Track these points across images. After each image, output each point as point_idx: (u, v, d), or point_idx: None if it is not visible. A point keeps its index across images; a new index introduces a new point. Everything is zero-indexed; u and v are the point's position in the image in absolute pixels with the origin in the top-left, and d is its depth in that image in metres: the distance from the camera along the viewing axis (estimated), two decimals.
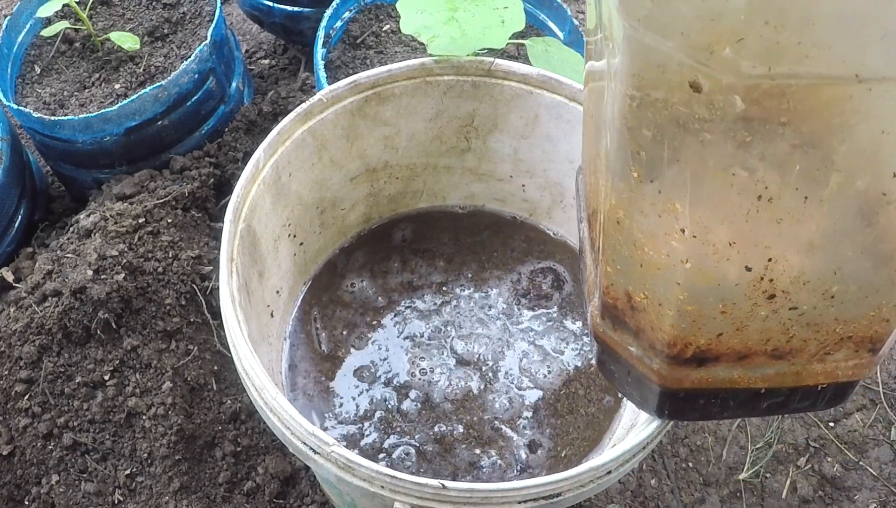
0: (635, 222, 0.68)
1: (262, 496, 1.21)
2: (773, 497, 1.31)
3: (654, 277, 0.70)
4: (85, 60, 1.55)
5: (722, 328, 0.71)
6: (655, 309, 0.72)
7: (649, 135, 0.60)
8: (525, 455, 1.04)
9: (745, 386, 0.77)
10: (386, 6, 1.57)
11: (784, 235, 0.62)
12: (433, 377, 1.09)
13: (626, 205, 0.67)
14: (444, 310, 1.15)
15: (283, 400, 0.81)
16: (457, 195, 1.25)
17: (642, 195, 0.65)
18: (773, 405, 0.80)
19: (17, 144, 1.49)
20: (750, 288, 0.67)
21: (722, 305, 0.69)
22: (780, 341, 0.72)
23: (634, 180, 0.65)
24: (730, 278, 0.66)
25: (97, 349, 1.22)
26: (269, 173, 1.00)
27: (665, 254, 0.67)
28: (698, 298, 0.68)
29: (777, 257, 0.64)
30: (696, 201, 0.62)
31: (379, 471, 0.76)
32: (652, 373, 0.78)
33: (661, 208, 0.64)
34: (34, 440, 1.21)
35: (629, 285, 0.74)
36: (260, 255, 1.01)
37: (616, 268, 0.74)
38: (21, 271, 1.38)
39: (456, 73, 1.08)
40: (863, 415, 1.38)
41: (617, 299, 0.77)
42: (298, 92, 1.67)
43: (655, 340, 0.75)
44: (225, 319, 0.87)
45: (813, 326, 0.70)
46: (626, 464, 0.83)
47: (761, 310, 0.69)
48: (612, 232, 0.71)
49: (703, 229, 0.63)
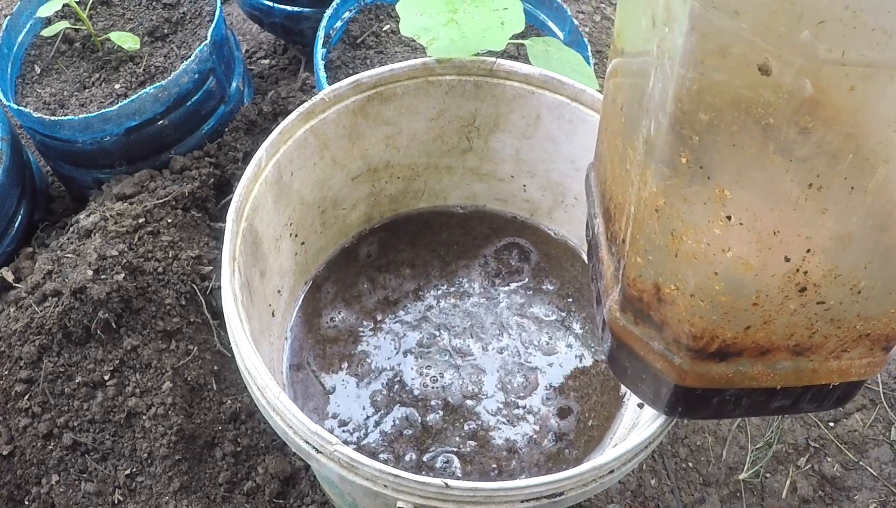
0: (676, 210, 0.67)
1: (262, 496, 1.21)
2: (773, 497, 1.31)
3: (688, 267, 0.70)
4: (85, 60, 1.55)
5: (751, 321, 0.71)
6: (686, 301, 0.72)
7: (706, 119, 0.60)
8: (556, 422, 1.06)
9: (763, 384, 0.77)
10: (386, 6, 1.57)
11: (826, 226, 0.62)
12: (445, 381, 1.09)
13: (670, 192, 0.67)
14: (431, 314, 1.16)
15: (285, 399, 0.81)
16: (458, 195, 1.25)
17: (689, 182, 0.64)
18: (783, 405, 0.80)
19: (17, 144, 1.49)
20: (784, 280, 0.67)
21: (755, 296, 0.68)
22: (803, 336, 0.72)
23: (682, 166, 0.64)
24: (768, 268, 0.66)
25: (97, 349, 1.22)
26: (271, 173, 1.00)
27: (706, 243, 0.67)
28: (734, 289, 0.68)
29: (815, 249, 0.64)
30: (748, 187, 0.62)
31: (382, 470, 0.76)
32: (672, 369, 0.78)
33: (707, 194, 0.64)
34: (34, 440, 1.21)
35: (659, 277, 0.74)
36: (262, 254, 1.01)
37: (647, 259, 0.74)
38: (21, 271, 1.38)
39: (458, 72, 1.08)
40: (863, 415, 1.39)
41: (644, 291, 0.76)
42: (298, 92, 1.67)
43: (682, 333, 0.75)
44: (227, 318, 0.87)
45: (836, 321, 0.71)
46: (627, 464, 0.83)
47: (791, 303, 0.69)
48: (648, 221, 0.71)
49: (751, 217, 0.63)
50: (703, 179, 0.63)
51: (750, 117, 0.57)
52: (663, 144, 0.64)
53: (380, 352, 1.12)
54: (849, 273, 0.66)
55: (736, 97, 0.57)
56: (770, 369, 0.76)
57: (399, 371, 1.10)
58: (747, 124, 0.58)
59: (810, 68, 0.53)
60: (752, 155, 0.60)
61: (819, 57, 0.52)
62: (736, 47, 0.55)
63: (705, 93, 0.58)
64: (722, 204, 0.64)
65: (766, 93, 0.55)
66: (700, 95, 0.59)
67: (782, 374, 0.76)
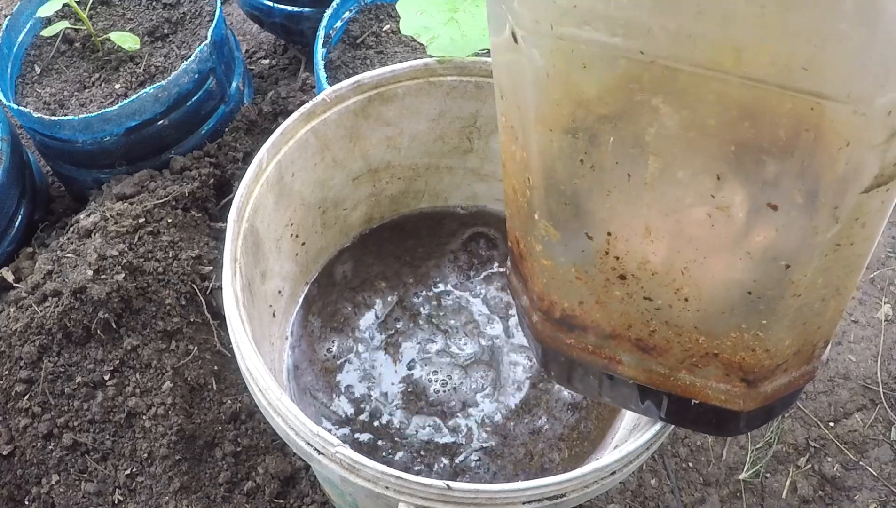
0: (508, 166, 0.72)
1: (262, 496, 1.21)
2: (773, 497, 1.31)
3: (524, 224, 0.73)
4: (85, 60, 1.55)
5: (581, 296, 0.73)
6: (529, 259, 0.75)
7: (502, 78, 0.67)
8: (570, 394, 1.08)
9: (614, 371, 0.79)
10: (386, 6, 1.57)
11: (616, 209, 0.64)
12: (455, 383, 1.10)
13: (502, 147, 0.73)
14: (419, 321, 1.16)
15: (287, 401, 0.81)
16: (458, 196, 1.25)
17: (506, 134, 0.70)
18: (650, 407, 0.82)
19: (17, 144, 1.49)
20: (598, 260, 0.69)
21: (574, 269, 0.71)
22: (643, 331, 0.73)
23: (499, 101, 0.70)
24: (574, 241, 0.69)
25: (97, 349, 1.22)
26: (272, 173, 1.00)
27: (525, 203, 0.70)
28: (551, 254, 0.71)
29: (616, 233, 0.66)
30: (528, 149, 0.65)
31: (384, 472, 0.76)
32: (532, 325, 0.81)
33: (514, 147, 0.69)
34: (34, 440, 1.21)
35: (516, 231, 0.77)
36: (263, 255, 1.01)
37: (508, 212, 0.78)
38: (21, 271, 1.38)
39: (459, 73, 1.08)
40: (863, 415, 1.39)
41: (512, 243, 0.81)
42: (298, 92, 1.67)
43: (532, 291, 0.78)
44: (228, 319, 0.87)
45: (673, 327, 0.71)
46: (629, 465, 0.83)
47: (616, 289, 0.71)
48: (503, 175, 0.75)
49: (540, 182, 0.66)
50: (503, 125, 0.70)
51: (518, 78, 0.62)
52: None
53: (387, 371, 1.12)
54: (665, 274, 0.67)
55: (506, 61, 0.63)
56: (617, 354, 0.77)
57: (413, 384, 1.10)
58: (517, 86, 0.63)
59: (532, 40, 0.56)
60: (525, 118, 0.63)
61: (527, 27, 0.56)
62: (500, 14, 0.60)
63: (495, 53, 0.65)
64: (523, 162, 0.68)
65: (519, 58, 0.60)
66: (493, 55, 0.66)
67: (632, 367, 0.78)
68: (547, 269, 0.73)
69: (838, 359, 1.44)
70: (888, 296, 1.52)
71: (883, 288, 1.53)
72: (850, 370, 1.43)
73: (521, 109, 0.64)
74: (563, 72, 0.57)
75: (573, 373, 0.83)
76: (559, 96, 0.58)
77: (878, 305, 1.51)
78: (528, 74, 0.59)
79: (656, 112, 0.55)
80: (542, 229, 0.70)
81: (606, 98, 0.56)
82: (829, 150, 0.51)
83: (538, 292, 0.77)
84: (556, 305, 0.76)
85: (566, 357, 0.81)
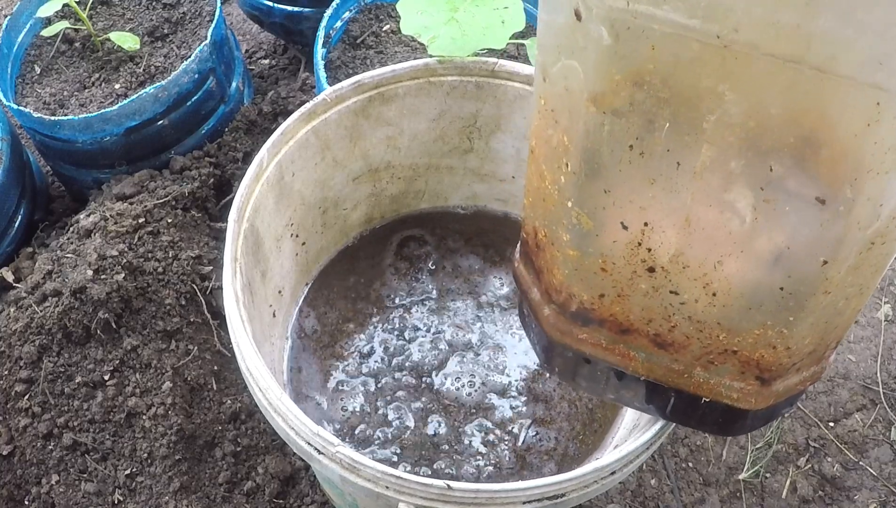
0: (540, 151, 0.70)
1: (262, 496, 1.21)
2: (773, 497, 1.31)
3: (550, 213, 0.72)
4: (85, 60, 1.55)
5: (603, 289, 0.72)
6: (551, 249, 0.74)
7: (550, 59, 0.64)
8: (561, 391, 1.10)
9: (626, 367, 0.78)
10: (386, 6, 1.57)
11: (658, 199, 0.63)
12: (462, 382, 1.10)
13: (534, 131, 0.71)
14: (417, 330, 1.16)
15: (287, 400, 0.81)
16: (459, 196, 1.25)
17: (543, 118, 0.68)
18: (659, 406, 0.81)
19: (17, 144, 1.49)
20: (628, 251, 0.68)
21: (602, 260, 0.70)
22: (663, 326, 0.72)
23: (540, 106, 0.68)
24: (607, 230, 0.67)
25: (97, 349, 1.22)
26: (272, 173, 1.00)
27: (556, 190, 0.69)
28: (579, 243, 0.70)
29: (653, 224, 0.65)
30: (572, 132, 0.63)
31: (384, 472, 0.76)
32: (543, 319, 0.80)
33: (551, 131, 0.67)
34: (34, 440, 1.21)
35: (536, 220, 0.76)
36: (263, 255, 1.01)
37: (529, 201, 0.77)
38: (21, 271, 1.38)
39: (459, 73, 1.08)
40: (863, 415, 1.39)
41: (528, 233, 0.79)
42: (298, 92, 1.67)
43: (549, 283, 0.77)
44: (229, 319, 0.87)
45: (696, 322, 0.70)
46: (629, 465, 0.83)
47: (641, 282, 0.69)
48: (529, 161, 0.74)
49: (580, 168, 0.65)
50: (550, 111, 0.67)
51: (573, 58, 0.60)
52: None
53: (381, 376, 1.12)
54: (698, 267, 0.66)
55: (560, 42, 0.61)
56: (632, 350, 0.77)
57: (412, 381, 1.10)
58: (569, 66, 0.61)
59: (604, 16, 0.54)
60: (575, 101, 0.62)
61: (607, 4, 0.54)
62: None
63: (544, 33, 0.63)
64: (563, 151, 0.66)
65: (579, 38, 0.58)
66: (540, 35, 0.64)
67: (646, 364, 0.77)
68: (571, 260, 0.71)
69: (838, 359, 1.44)
70: (888, 296, 1.52)
71: (883, 288, 1.53)
72: (850, 370, 1.43)
73: (569, 90, 0.62)
74: (630, 52, 0.55)
75: (579, 369, 0.82)
76: (621, 77, 0.57)
77: (878, 305, 1.51)
78: (591, 54, 0.57)
79: (721, 99, 0.54)
80: (574, 218, 0.68)
81: (671, 81, 0.55)
82: (885, 146, 0.51)
83: (556, 284, 0.75)
84: (574, 298, 0.75)
85: (575, 353, 0.80)
